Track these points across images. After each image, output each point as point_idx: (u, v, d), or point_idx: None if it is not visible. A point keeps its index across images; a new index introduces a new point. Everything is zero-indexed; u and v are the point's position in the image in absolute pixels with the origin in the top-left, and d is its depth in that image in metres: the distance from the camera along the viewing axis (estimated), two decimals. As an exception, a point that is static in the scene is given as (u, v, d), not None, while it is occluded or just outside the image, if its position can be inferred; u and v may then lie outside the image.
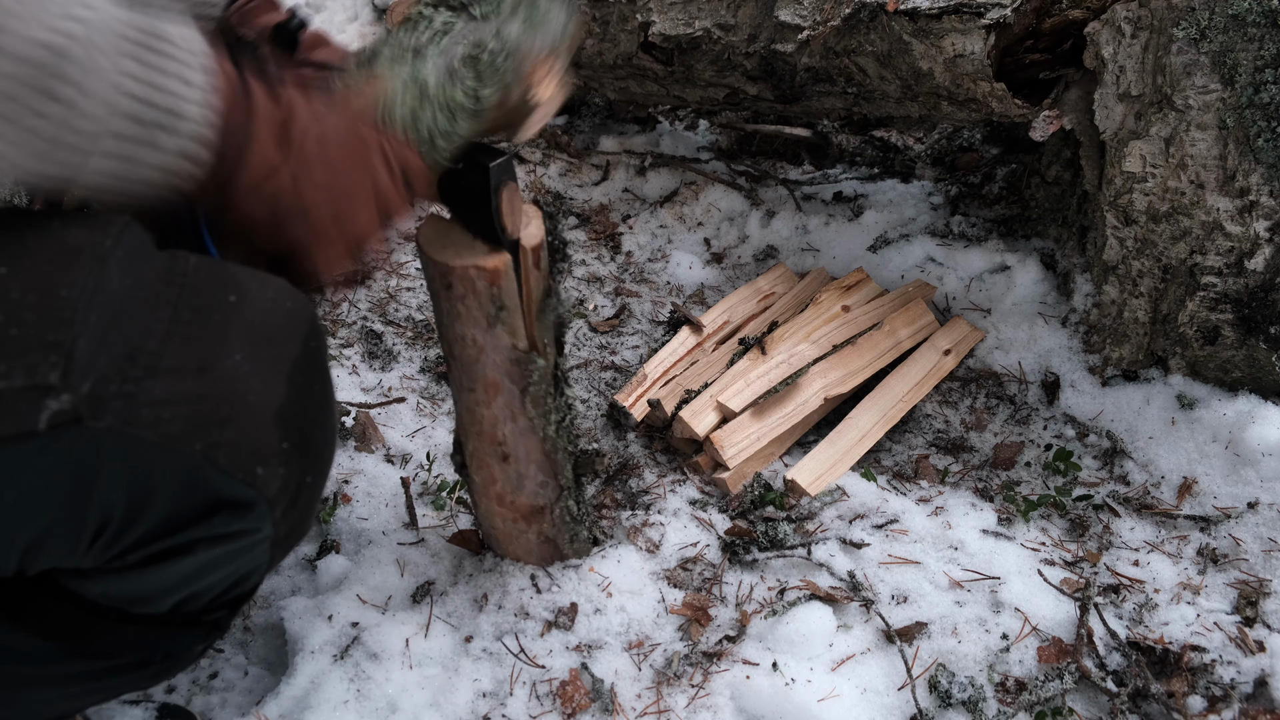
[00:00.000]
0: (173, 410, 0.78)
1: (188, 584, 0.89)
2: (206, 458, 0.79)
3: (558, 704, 1.34)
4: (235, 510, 0.83)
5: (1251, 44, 1.58)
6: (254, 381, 0.82)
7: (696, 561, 1.57)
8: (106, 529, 0.80)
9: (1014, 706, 1.35)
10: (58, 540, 0.79)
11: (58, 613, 0.90)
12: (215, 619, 0.97)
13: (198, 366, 0.79)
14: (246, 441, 0.81)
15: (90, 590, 0.88)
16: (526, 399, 1.25)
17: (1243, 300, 1.71)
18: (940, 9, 1.75)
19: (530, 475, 1.34)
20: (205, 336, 0.81)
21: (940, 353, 1.95)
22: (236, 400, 0.81)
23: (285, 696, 1.33)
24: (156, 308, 0.79)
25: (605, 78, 2.42)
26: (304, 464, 0.87)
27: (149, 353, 0.78)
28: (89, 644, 0.92)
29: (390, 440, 1.77)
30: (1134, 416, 1.81)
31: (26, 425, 0.72)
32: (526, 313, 1.18)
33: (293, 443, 0.85)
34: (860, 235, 2.26)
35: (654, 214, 2.44)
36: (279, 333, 0.86)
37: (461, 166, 1.08)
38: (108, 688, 1.01)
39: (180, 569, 0.86)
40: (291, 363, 0.85)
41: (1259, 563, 1.55)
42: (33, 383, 0.72)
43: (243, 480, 0.82)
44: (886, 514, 1.64)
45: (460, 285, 1.13)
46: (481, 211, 1.10)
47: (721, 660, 1.40)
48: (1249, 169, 1.63)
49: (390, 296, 2.14)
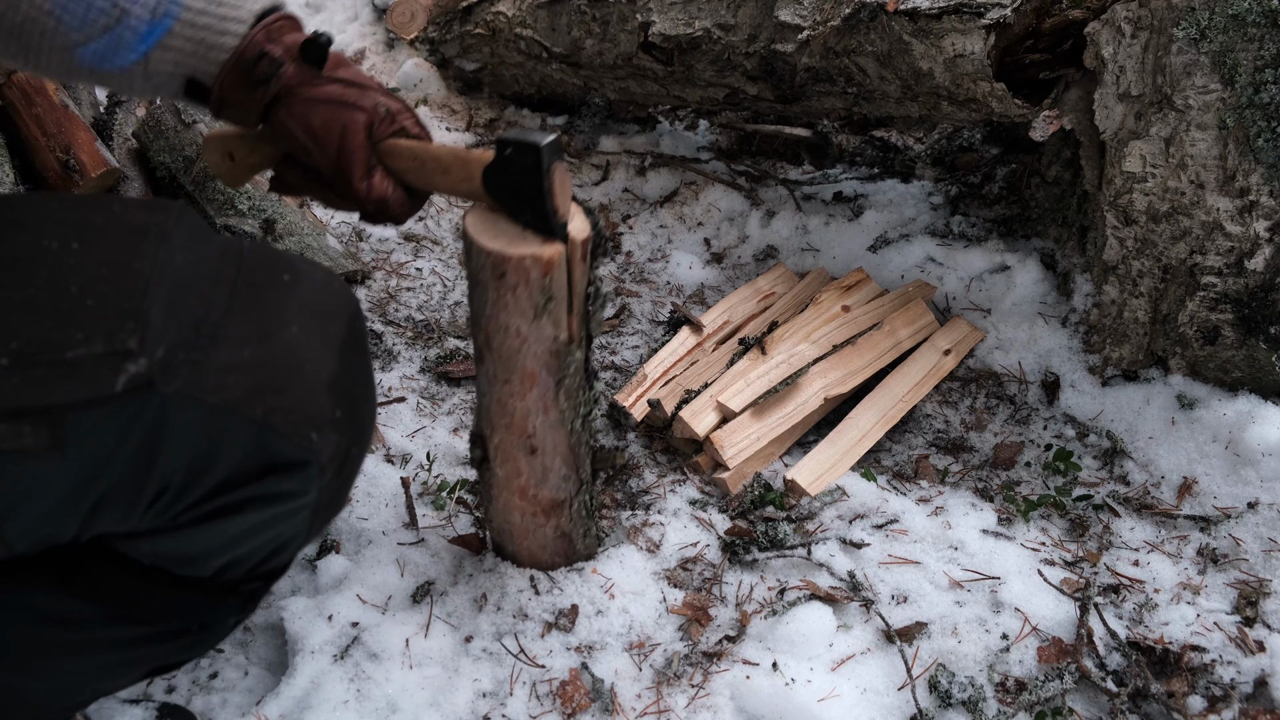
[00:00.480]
0: (235, 377, 0.83)
1: (233, 546, 0.92)
2: (266, 422, 0.84)
3: (558, 704, 1.34)
4: (289, 471, 0.88)
5: (1251, 44, 1.59)
6: (309, 353, 0.88)
7: (696, 561, 1.57)
8: (166, 491, 0.84)
9: (1014, 706, 1.35)
10: (119, 503, 0.83)
11: (107, 576, 0.93)
12: (252, 589, 1.00)
13: (258, 336, 0.85)
14: (303, 408, 0.86)
15: (140, 550, 0.91)
16: (561, 391, 1.27)
17: (1243, 300, 1.71)
18: (940, 9, 1.75)
19: (555, 468, 1.36)
20: (263, 310, 0.86)
21: (940, 353, 1.95)
22: (294, 369, 0.86)
23: (285, 696, 1.33)
24: (217, 283, 0.85)
25: (605, 78, 2.42)
26: (352, 433, 0.92)
27: (212, 323, 0.83)
28: (134, 608, 0.95)
29: (390, 440, 1.77)
30: (1134, 416, 1.81)
31: (105, 390, 0.77)
32: (570, 304, 1.19)
33: (344, 411, 0.90)
34: (860, 235, 2.26)
35: (654, 214, 2.45)
36: (329, 310, 0.92)
37: (509, 152, 1.07)
38: (145, 657, 1.02)
39: (229, 529, 0.90)
40: (341, 338, 0.92)
41: (1259, 563, 1.55)
42: (113, 348, 0.77)
43: (299, 444, 0.86)
44: (886, 514, 1.64)
45: (514, 275, 1.13)
46: (533, 196, 1.09)
47: (721, 660, 1.40)
48: (1249, 169, 1.63)
49: (390, 296, 2.14)
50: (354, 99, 1.08)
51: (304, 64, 1.07)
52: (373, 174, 1.09)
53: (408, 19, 2.79)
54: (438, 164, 1.11)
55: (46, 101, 1.91)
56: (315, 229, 2.11)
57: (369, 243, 2.29)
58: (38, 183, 1.91)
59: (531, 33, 2.46)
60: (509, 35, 2.52)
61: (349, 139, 1.06)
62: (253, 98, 1.06)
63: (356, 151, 1.07)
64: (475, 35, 2.61)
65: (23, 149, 1.92)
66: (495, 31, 2.55)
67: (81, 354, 0.77)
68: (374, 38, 2.98)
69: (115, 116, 2.10)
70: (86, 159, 1.87)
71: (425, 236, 2.34)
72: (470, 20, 2.62)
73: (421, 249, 2.30)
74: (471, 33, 2.62)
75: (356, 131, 1.07)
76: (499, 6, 2.53)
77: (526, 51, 2.51)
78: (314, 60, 1.08)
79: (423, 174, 1.12)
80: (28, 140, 1.91)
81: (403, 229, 2.35)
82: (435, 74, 2.78)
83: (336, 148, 1.06)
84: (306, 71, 1.07)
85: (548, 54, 2.46)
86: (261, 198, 2.05)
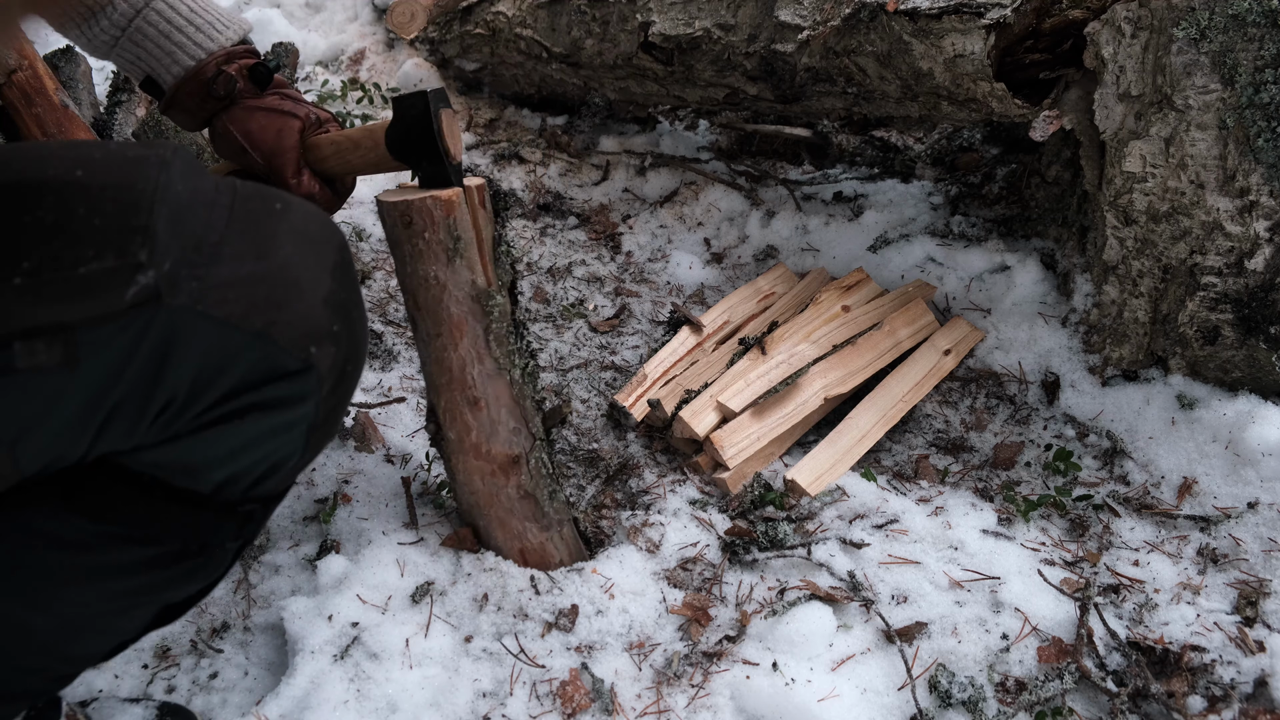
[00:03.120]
0: (236, 291, 0.86)
1: (233, 459, 0.95)
2: (268, 334, 0.87)
3: (558, 704, 1.34)
4: (289, 379, 0.91)
5: (1251, 44, 1.58)
6: (305, 270, 0.92)
7: (696, 561, 1.57)
8: (172, 404, 0.86)
9: (1014, 706, 1.35)
10: (127, 417, 0.85)
11: (109, 493, 0.95)
12: (248, 510, 1.03)
13: (255, 255, 0.89)
14: (302, 321, 0.90)
15: (141, 461, 0.93)
16: (490, 338, 1.35)
17: (1243, 300, 1.71)
18: (940, 9, 1.75)
19: (502, 421, 1.41)
20: (259, 232, 0.90)
21: (940, 353, 1.95)
22: (291, 285, 0.90)
23: (285, 696, 1.33)
24: (214, 208, 0.89)
25: (605, 78, 2.42)
26: (349, 347, 0.96)
27: (212, 243, 0.87)
28: (135, 526, 0.97)
29: (390, 440, 1.77)
30: (1134, 416, 1.81)
31: (115, 304, 0.79)
32: (480, 249, 1.29)
33: (341, 326, 0.94)
34: (860, 235, 2.26)
35: (654, 214, 2.44)
36: (320, 236, 0.96)
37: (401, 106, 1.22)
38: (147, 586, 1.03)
39: (230, 438, 0.92)
40: (333, 262, 0.96)
41: (1259, 563, 1.55)
42: (124, 261, 0.80)
43: (299, 356, 0.90)
44: (886, 514, 1.64)
45: (419, 218, 1.25)
46: (424, 139, 1.22)
47: (721, 660, 1.40)
48: (1249, 169, 1.63)
49: (390, 296, 2.14)
50: (290, 108, 1.26)
51: (250, 83, 1.27)
52: (302, 173, 1.26)
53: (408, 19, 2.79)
54: (350, 142, 1.26)
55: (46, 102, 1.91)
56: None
57: (369, 243, 2.29)
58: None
59: (531, 33, 2.46)
60: (509, 35, 2.52)
61: (284, 139, 1.23)
62: (204, 106, 1.27)
63: (289, 151, 1.24)
64: (475, 35, 2.61)
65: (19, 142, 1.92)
66: (495, 31, 2.55)
67: (94, 269, 0.79)
68: (374, 38, 2.98)
69: (115, 117, 2.10)
70: (86, 159, 1.87)
71: (425, 236, 2.34)
72: (470, 20, 2.62)
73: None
74: (471, 33, 2.61)
75: (291, 133, 1.24)
76: (499, 6, 2.53)
77: (526, 51, 2.51)
78: (260, 81, 1.28)
79: (341, 157, 1.27)
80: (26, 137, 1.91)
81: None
82: (435, 74, 2.78)
83: (271, 149, 1.23)
84: (250, 88, 1.28)
85: (548, 54, 2.46)
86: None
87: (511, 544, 1.50)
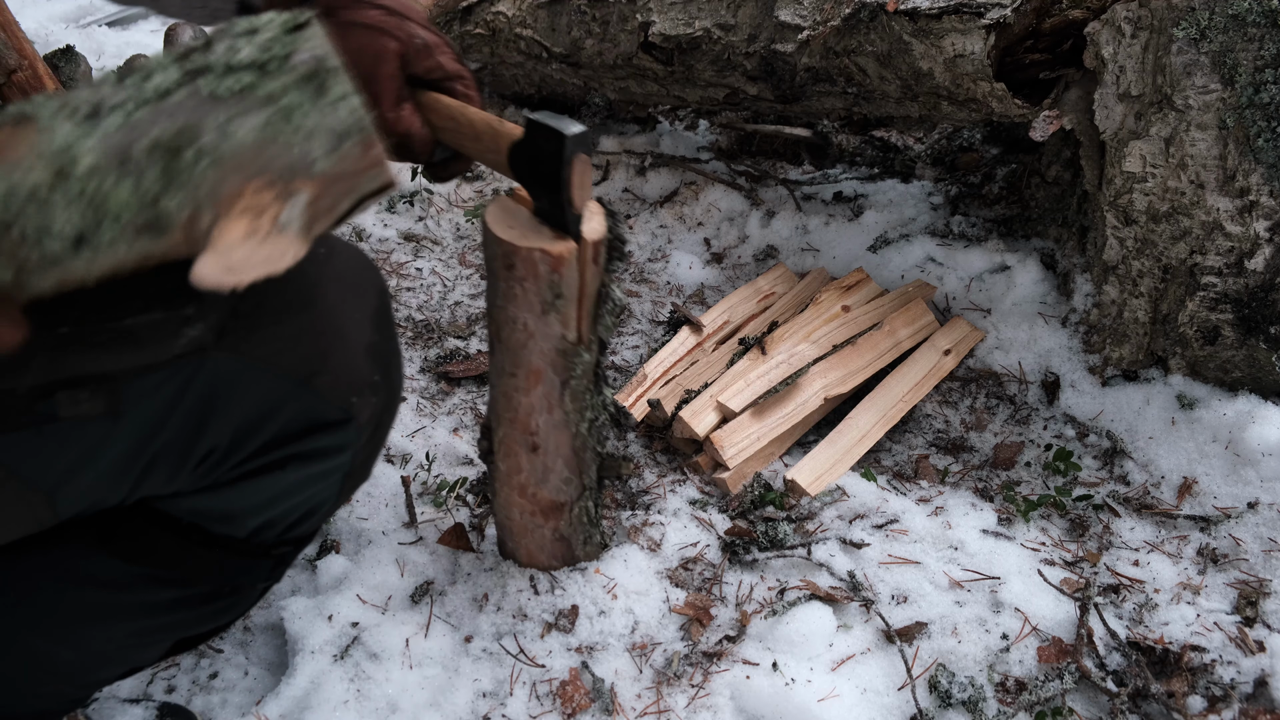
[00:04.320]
0: (281, 342, 0.86)
1: (271, 505, 0.95)
2: (311, 385, 0.88)
3: (558, 704, 1.34)
4: (329, 429, 0.91)
5: (1251, 44, 1.58)
6: (348, 320, 0.92)
7: (697, 561, 1.57)
8: (214, 452, 0.86)
9: (1014, 706, 1.35)
10: (168, 465, 0.85)
11: (146, 537, 0.94)
12: (282, 553, 1.03)
13: (301, 305, 0.88)
14: (345, 372, 0.90)
15: (180, 507, 0.93)
16: (566, 392, 1.26)
17: (1243, 300, 1.71)
18: (940, 9, 1.75)
19: (556, 470, 1.35)
20: (304, 280, 0.89)
21: (940, 353, 1.95)
22: (335, 335, 0.90)
23: (285, 696, 1.33)
24: None
25: (605, 78, 2.42)
26: (387, 396, 0.97)
27: (257, 292, 0.84)
28: (172, 569, 0.97)
29: (390, 440, 1.77)
30: (1134, 416, 1.81)
31: (162, 354, 0.79)
32: (580, 305, 1.19)
33: (381, 375, 0.94)
34: (860, 235, 2.26)
35: (654, 214, 2.44)
36: (362, 283, 0.96)
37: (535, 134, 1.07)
38: (177, 623, 1.03)
39: (269, 487, 0.92)
40: (374, 308, 0.96)
41: (1259, 563, 1.55)
42: (171, 313, 0.80)
43: (341, 407, 0.90)
44: (886, 514, 1.64)
45: (522, 268, 1.14)
46: (551, 184, 1.08)
47: (721, 660, 1.40)
48: (1249, 169, 1.63)
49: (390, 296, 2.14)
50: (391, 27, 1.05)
51: None
52: (402, 106, 1.06)
53: (408, 19, 2.79)
54: (471, 129, 1.10)
55: (46, 101, 1.91)
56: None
57: (369, 243, 2.29)
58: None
59: (531, 33, 2.46)
60: (509, 35, 2.52)
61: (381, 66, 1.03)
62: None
63: (386, 80, 1.04)
64: (475, 35, 2.61)
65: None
66: (495, 31, 2.55)
67: (141, 320, 0.79)
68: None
69: (115, 116, 2.10)
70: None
71: (425, 236, 2.34)
72: (470, 20, 2.62)
73: (421, 249, 2.30)
74: (471, 33, 2.61)
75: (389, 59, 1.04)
76: (499, 6, 2.53)
77: (526, 51, 2.51)
78: None
79: (456, 135, 1.11)
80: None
81: (403, 229, 2.35)
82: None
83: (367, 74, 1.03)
84: None
85: (548, 54, 2.46)
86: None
87: (532, 563, 1.49)
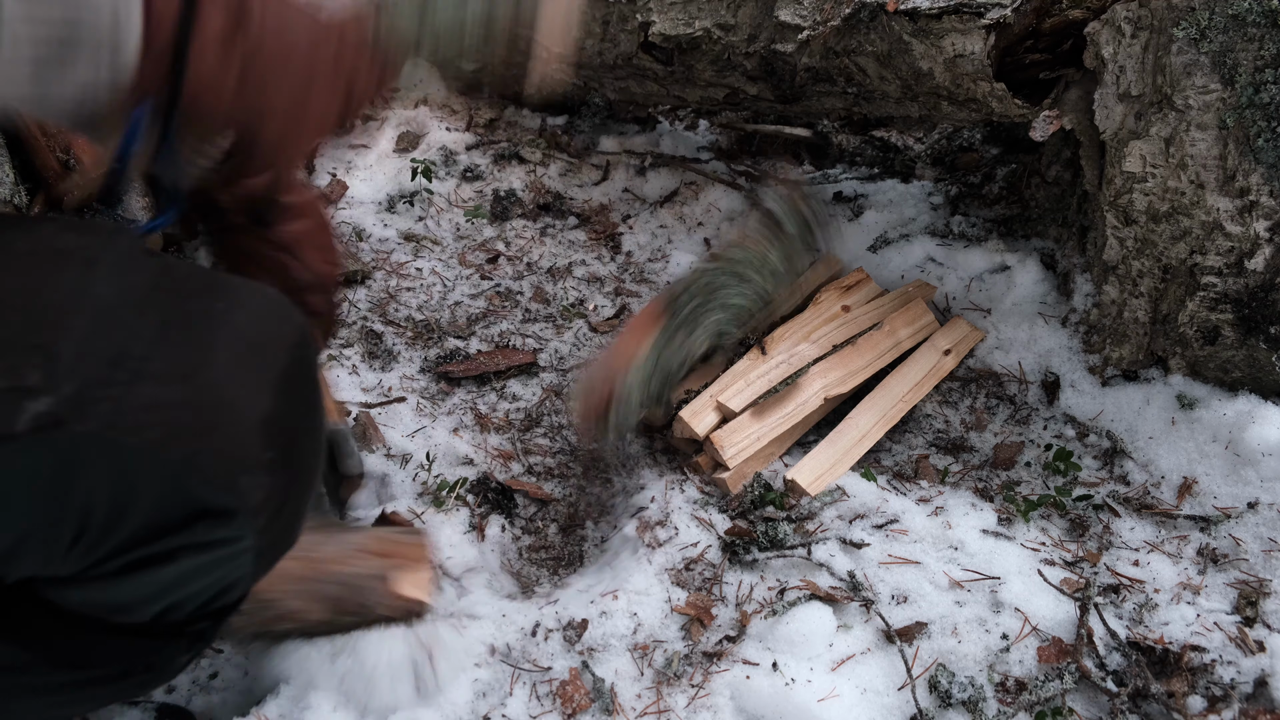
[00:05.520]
0: (157, 416, 0.77)
1: (169, 593, 0.88)
2: (189, 465, 0.78)
3: (558, 704, 1.34)
4: (217, 519, 0.82)
5: (1251, 44, 1.58)
6: (240, 390, 0.82)
7: (697, 562, 1.57)
8: (85, 534, 0.79)
9: (1014, 706, 1.35)
10: (34, 545, 0.78)
11: (37, 622, 0.88)
12: (199, 630, 0.95)
13: (183, 373, 0.79)
14: (229, 449, 0.81)
15: (70, 599, 0.87)
16: None
17: (1243, 300, 1.71)
18: (940, 9, 1.75)
19: None
20: (193, 343, 0.81)
21: (940, 353, 1.95)
22: (221, 408, 0.80)
23: (285, 696, 1.33)
24: (145, 313, 0.79)
25: (605, 78, 2.42)
26: (289, 474, 0.86)
27: (135, 358, 0.77)
28: (70, 654, 0.91)
29: (390, 440, 1.77)
30: (1134, 416, 1.81)
31: (5, 427, 0.71)
32: None
33: (278, 451, 0.84)
34: (860, 235, 2.26)
35: (654, 214, 2.45)
36: (268, 341, 0.86)
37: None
38: (92, 697, 0.99)
39: (161, 577, 0.85)
40: (279, 371, 0.85)
41: (1259, 563, 1.55)
42: (13, 384, 0.72)
43: (224, 489, 0.80)
44: (886, 514, 1.64)
45: None
46: None
47: (721, 660, 1.40)
48: (1249, 169, 1.63)
49: (390, 296, 2.14)
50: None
51: None
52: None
53: (408, 19, 2.79)
54: None
55: (46, 101, 1.91)
56: (315, 229, 2.11)
57: (369, 243, 2.29)
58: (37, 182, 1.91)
59: (531, 33, 2.46)
60: (509, 35, 2.52)
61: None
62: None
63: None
64: (475, 35, 2.61)
65: (23, 149, 1.92)
66: (495, 31, 2.55)
67: None
68: None
69: (115, 116, 2.10)
70: (87, 158, 1.87)
71: (425, 236, 2.34)
72: (470, 20, 2.62)
73: (421, 249, 2.30)
74: (471, 33, 2.61)
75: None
76: (499, 6, 2.53)
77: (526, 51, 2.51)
78: None
79: None
80: (28, 140, 1.91)
81: (403, 229, 2.35)
82: (435, 74, 2.78)
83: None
84: None
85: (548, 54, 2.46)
86: (261, 198, 2.05)
87: None
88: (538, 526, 1.70)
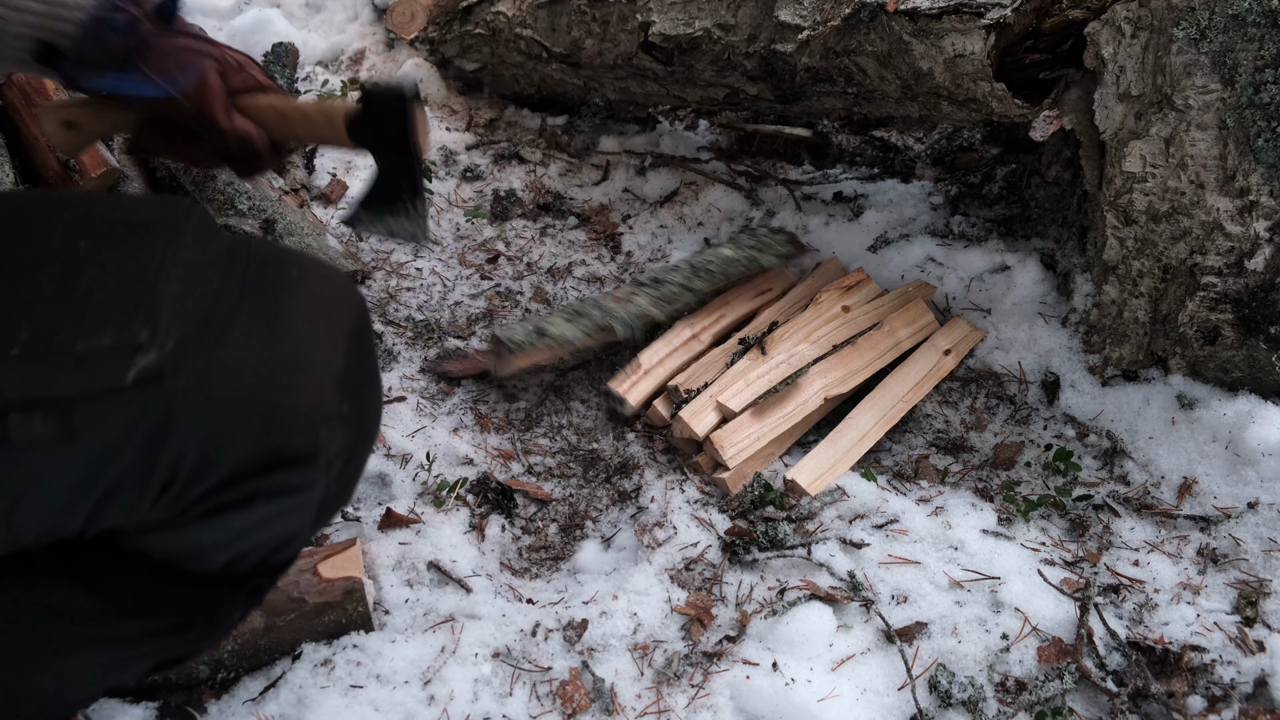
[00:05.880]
0: (243, 372, 0.83)
1: (240, 540, 0.93)
2: (274, 414, 0.84)
3: (558, 704, 1.34)
4: (294, 465, 0.88)
5: (1251, 44, 1.58)
6: (316, 348, 0.89)
7: (697, 561, 1.57)
8: (173, 484, 0.84)
9: (1014, 706, 1.35)
10: (126, 495, 0.83)
11: (115, 571, 0.93)
12: (257, 584, 1.01)
13: (265, 332, 0.86)
14: (310, 403, 0.87)
15: (148, 545, 0.91)
16: None
17: (1243, 300, 1.71)
18: (940, 9, 1.75)
19: None
20: (271, 305, 0.88)
21: (940, 353, 1.95)
22: (301, 364, 0.87)
23: (285, 696, 1.33)
24: (226, 279, 0.87)
25: (605, 78, 2.42)
26: (359, 428, 0.94)
27: (220, 319, 0.84)
28: (142, 603, 0.95)
29: (390, 440, 1.77)
30: (1134, 416, 1.81)
31: (115, 381, 0.77)
32: None
33: (351, 407, 0.91)
34: (860, 235, 2.26)
35: (654, 214, 2.44)
36: (337, 307, 0.94)
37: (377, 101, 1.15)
38: (153, 650, 1.02)
39: (236, 523, 0.90)
40: (348, 333, 0.93)
41: (1259, 563, 1.55)
42: (124, 341, 0.78)
43: (306, 439, 0.87)
44: (886, 514, 1.64)
45: None
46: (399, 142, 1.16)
47: (721, 660, 1.40)
48: (1249, 169, 1.63)
49: (390, 296, 2.14)
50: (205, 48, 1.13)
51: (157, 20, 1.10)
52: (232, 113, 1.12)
53: (408, 19, 2.79)
54: (299, 114, 1.18)
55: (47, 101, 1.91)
56: (315, 229, 2.11)
57: (369, 242, 2.29)
58: (37, 183, 1.91)
59: (531, 33, 2.46)
60: (509, 35, 2.52)
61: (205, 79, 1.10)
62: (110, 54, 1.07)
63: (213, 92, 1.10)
64: (475, 35, 2.61)
65: (23, 149, 1.92)
66: (495, 31, 2.55)
67: (92, 346, 0.77)
68: (374, 38, 2.97)
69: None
70: (86, 159, 1.87)
71: (425, 236, 2.34)
72: (470, 20, 2.62)
73: (421, 249, 2.30)
74: (471, 33, 2.61)
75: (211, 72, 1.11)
76: (499, 6, 2.53)
77: (526, 51, 2.51)
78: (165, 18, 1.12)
79: (285, 125, 1.18)
80: (28, 140, 1.91)
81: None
82: (435, 74, 2.78)
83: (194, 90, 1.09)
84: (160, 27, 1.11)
85: (548, 54, 2.46)
86: (261, 198, 2.05)
87: None
88: (538, 526, 1.70)
